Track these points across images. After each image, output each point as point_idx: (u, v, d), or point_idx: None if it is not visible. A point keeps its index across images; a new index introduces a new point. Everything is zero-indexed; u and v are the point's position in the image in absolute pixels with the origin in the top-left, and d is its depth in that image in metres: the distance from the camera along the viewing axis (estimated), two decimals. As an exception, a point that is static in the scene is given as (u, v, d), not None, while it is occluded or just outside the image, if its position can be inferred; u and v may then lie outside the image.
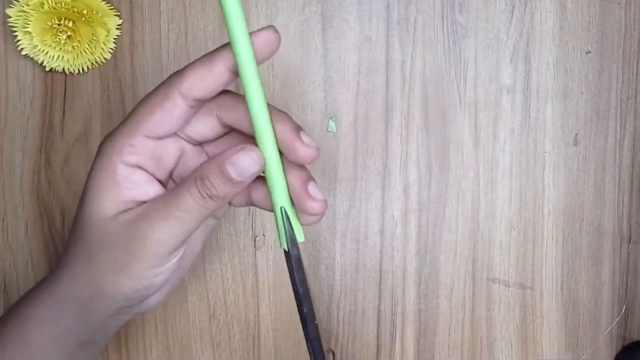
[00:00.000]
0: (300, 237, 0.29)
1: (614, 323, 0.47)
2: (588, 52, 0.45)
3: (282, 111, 0.28)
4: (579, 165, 0.46)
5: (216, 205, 0.27)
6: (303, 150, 0.27)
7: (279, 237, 0.29)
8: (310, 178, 0.28)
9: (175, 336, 0.45)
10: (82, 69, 0.42)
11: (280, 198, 0.28)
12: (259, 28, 0.26)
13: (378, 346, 0.45)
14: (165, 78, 0.28)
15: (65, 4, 0.39)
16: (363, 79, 0.44)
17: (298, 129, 0.27)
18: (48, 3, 0.39)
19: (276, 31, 0.26)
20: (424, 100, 0.44)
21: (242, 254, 0.44)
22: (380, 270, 0.45)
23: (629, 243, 0.46)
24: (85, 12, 0.40)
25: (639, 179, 0.46)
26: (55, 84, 0.43)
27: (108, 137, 0.29)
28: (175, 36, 0.43)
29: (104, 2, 0.41)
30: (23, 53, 0.41)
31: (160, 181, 0.30)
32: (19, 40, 0.40)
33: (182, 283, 0.44)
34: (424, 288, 0.45)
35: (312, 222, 0.28)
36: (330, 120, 0.44)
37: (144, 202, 0.29)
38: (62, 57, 0.41)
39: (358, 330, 0.45)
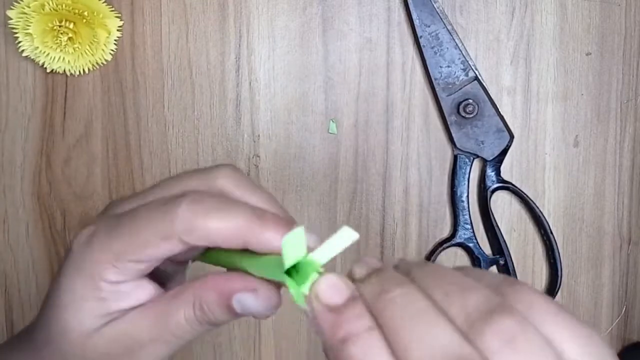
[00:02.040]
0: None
1: (614, 324, 0.47)
2: (588, 54, 0.45)
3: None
4: (579, 166, 0.46)
5: (210, 329, 0.26)
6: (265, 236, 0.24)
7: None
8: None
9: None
10: (83, 71, 0.42)
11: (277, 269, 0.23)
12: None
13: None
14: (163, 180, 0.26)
15: (66, 6, 0.39)
16: (364, 80, 0.44)
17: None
18: (49, 5, 0.39)
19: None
20: (424, 102, 0.44)
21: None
22: (381, 272, 0.45)
23: (629, 244, 0.46)
24: (86, 13, 0.40)
25: (639, 180, 0.46)
26: (56, 86, 0.43)
27: (87, 246, 0.25)
28: (176, 37, 0.43)
29: (104, 3, 0.41)
30: (24, 55, 0.41)
31: (151, 272, 0.27)
32: (19, 42, 0.40)
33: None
34: (424, 289, 0.45)
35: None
36: (331, 121, 0.44)
37: (133, 307, 0.26)
38: (63, 58, 0.41)
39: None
